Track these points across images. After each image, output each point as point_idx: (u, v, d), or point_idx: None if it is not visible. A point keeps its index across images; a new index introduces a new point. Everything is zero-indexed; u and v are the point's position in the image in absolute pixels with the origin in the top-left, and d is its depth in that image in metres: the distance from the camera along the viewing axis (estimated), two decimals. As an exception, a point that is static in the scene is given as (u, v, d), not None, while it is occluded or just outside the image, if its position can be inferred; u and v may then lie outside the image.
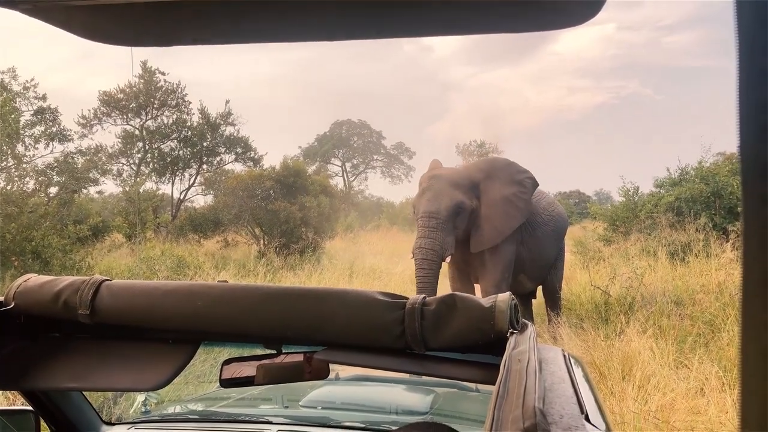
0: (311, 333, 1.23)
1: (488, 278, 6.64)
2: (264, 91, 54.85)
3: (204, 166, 19.73)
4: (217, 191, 18.36)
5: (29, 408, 1.61)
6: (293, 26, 0.63)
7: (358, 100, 53.80)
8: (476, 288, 6.91)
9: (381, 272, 11.85)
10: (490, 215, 6.51)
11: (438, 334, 1.16)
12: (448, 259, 6.47)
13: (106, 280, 1.33)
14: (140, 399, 2.28)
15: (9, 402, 3.97)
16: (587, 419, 1.01)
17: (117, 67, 38.02)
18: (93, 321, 1.29)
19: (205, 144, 19.33)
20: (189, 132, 19.23)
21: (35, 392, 1.56)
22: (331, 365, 1.34)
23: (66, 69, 38.43)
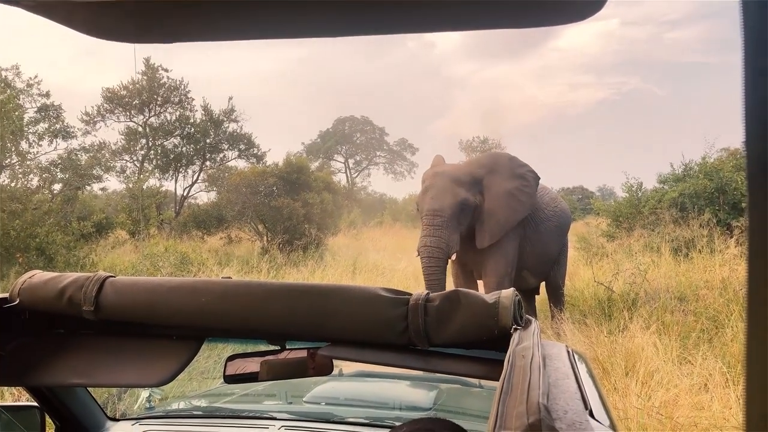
0: (315, 329, 1.23)
1: (491, 274, 6.64)
2: (267, 88, 54.92)
3: (207, 163, 19.75)
4: (220, 188, 18.38)
5: (34, 404, 1.62)
6: (296, 23, 0.63)
7: (361, 97, 53.89)
8: (479, 284, 6.91)
9: (384, 269, 11.84)
10: (494, 210, 6.51)
11: (441, 330, 1.16)
12: (454, 257, 6.48)
13: (110, 277, 1.33)
14: (144, 395, 2.28)
15: (14, 398, 3.99)
16: (591, 415, 1.01)
17: (120, 64, 38.09)
18: (97, 317, 1.29)
19: (208, 141, 19.34)
20: (192, 129, 19.25)
21: (40, 388, 1.57)
22: (335, 361, 1.34)
23: (69, 66, 38.49)
